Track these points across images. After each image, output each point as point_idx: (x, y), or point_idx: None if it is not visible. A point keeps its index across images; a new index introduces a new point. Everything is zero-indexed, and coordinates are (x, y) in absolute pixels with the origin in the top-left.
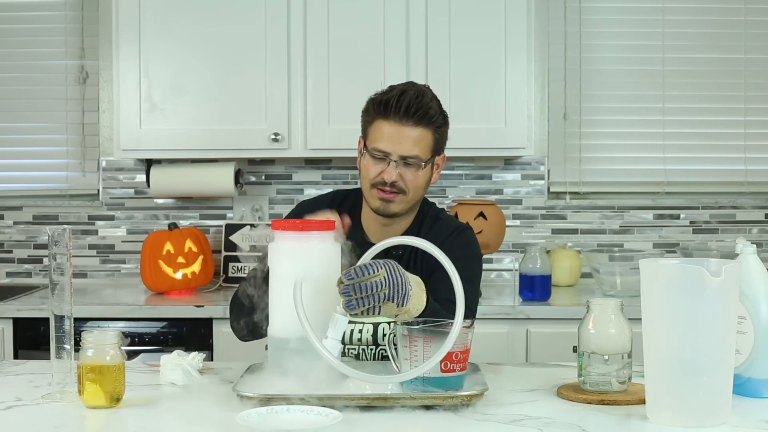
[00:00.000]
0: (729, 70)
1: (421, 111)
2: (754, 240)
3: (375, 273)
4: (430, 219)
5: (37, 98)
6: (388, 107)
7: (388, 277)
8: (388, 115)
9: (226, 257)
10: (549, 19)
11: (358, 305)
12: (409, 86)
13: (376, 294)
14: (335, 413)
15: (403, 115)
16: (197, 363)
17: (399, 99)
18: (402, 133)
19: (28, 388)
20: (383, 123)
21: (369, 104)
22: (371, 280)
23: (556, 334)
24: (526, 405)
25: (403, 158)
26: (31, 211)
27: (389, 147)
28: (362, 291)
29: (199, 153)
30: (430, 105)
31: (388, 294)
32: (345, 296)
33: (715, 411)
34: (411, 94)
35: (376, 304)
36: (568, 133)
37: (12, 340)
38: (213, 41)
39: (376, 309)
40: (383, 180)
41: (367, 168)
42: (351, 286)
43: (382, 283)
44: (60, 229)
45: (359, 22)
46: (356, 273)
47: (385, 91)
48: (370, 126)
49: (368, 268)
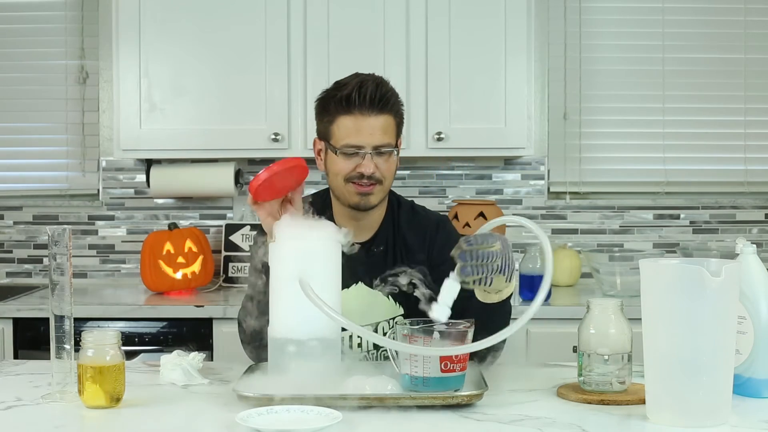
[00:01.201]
0: (729, 70)
1: (384, 99)
2: (754, 240)
3: (492, 244)
4: (405, 210)
5: (37, 98)
6: (350, 101)
7: (503, 250)
8: (351, 109)
9: (226, 257)
10: (549, 19)
11: (473, 272)
12: (363, 77)
13: (489, 265)
14: (335, 413)
15: (368, 106)
16: (197, 363)
17: (360, 91)
18: (370, 124)
19: (28, 388)
20: (347, 118)
21: (325, 103)
22: (488, 249)
23: (556, 334)
24: (526, 405)
25: (376, 148)
26: (31, 211)
27: (361, 140)
28: (478, 258)
29: (199, 153)
30: (391, 92)
31: (500, 266)
32: (461, 260)
33: (715, 411)
34: (371, 85)
35: (488, 274)
36: (568, 133)
37: (12, 340)
38: (213, 41)
39: (489, 280)
40: (360, 173)
41: (339, 165)
42: (468, 253)
43: (496, 254)
44: (60, 229)
45: (359, 22)
46: (476, 240)
47: (337, 87)
48: (332, 125)
49: (487, 238)
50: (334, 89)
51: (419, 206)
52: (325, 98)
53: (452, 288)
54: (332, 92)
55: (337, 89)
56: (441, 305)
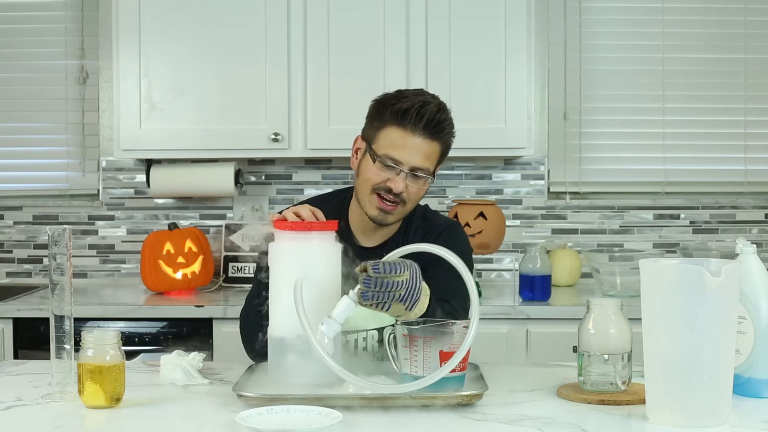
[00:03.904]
0: (729, 70)
1: (440, 126)
2: (754, 240)
3: (400, 273)
4: (418, 219)
5: (37, 98)
6: (406, 117)
7: (408, 281)
8: (404, 124)
9: (226, 257)
10: (549, 19)
11: (372, 298)
12: (428, 98)
13: (392, 292)
14: (335, 413)
15: (422, 128)
16: (197, 363)
17: (420, 111)
18: (416, 145)
19: (28, 388)
20: (397, 131)
21: (381, 108)
22: (394, 279)
23: (556, 334)
24: (526, 405)
25: (413, 169)
26: (31, 211)
27: (402, 156)
28: (381, 287)
29: (199, 153)
30: (448, 121)
31: (403, 296)
32: (364, 285)
33: (715, 411)
34: (432, 108)
35: (388, 301)
36: (568, 133)
37: (12, 340)
38: (213, 41)
39: (387, 306)
40: (389, 188)
41: (372, 172)
42: (373, 279)
43: (402, 284)
44: (60, 229)
45: (359, 23)
46: (383, 268)
47: (399, 97)
48: (380, 131)
49: (395, 267)
50: (394, 97)
51: (432, 211)
52: (383, 102)
53: (348, 306)
54: (392, 100)
55: (397, 98)
56: (333, 321)
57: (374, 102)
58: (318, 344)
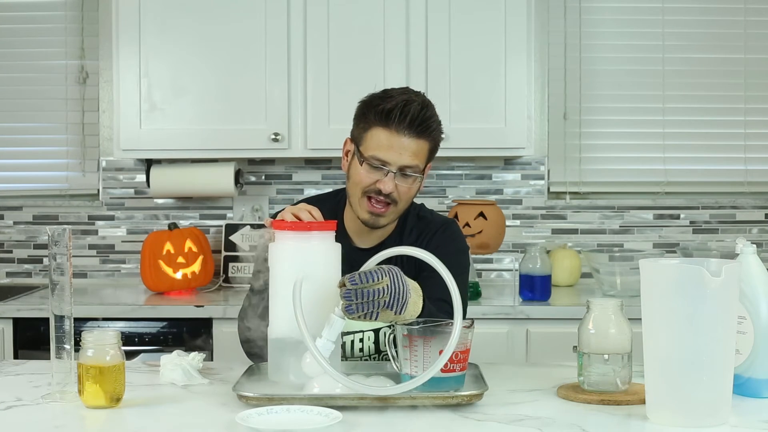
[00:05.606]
0: (729, 70)
1: (425, 124)
2: (754, 240)
3: (378, 281)
4: (412, 218)
5: (37, 98)
6: (390, 117)
7: (390, 285)
8: (389, 124)
9: (226, 257)
10: (549, 19)
11: (357, 310)
12: (411, 96)
13: (376, 300)
14: (335, 413)
15: (407, 126)
16: (197, 363)
17: (403, 110)
18: (402, 144)
19: (28, 388)
20: (383, 131)
21: (365, 109)
22: (374, 288)
23: (556, 334)
24: (526, 405)
25: (402, 168)
26: (31, 211)
27: (389, 157)
28: (363, 297)
29: (199, 153)
30: (433, 118)
31: (388, 302)
32: (345, 299)
33: (715, 411)
34: (416, 107)
35: (374, 310)
36: (568, 133)
37: (12, 340)
38: (213, 41)
39: (374, 315)
40: (378, 189)
41: (361, 175)
42: (353, 291)
43: (384, 290)
44: (60, 229)
45: (359, 23)
46: (360, 279)
47: (383, 97)
48: (366, 132)
49: (372, 275)
50: (379, 98)
51: (427, 210)
52: (368, 104)
53: (336, 324)
54: (376, 101)
55: (382, 99)
56: (325, 341)
57: (360, 103)
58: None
